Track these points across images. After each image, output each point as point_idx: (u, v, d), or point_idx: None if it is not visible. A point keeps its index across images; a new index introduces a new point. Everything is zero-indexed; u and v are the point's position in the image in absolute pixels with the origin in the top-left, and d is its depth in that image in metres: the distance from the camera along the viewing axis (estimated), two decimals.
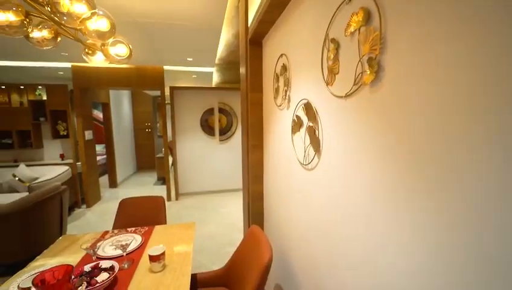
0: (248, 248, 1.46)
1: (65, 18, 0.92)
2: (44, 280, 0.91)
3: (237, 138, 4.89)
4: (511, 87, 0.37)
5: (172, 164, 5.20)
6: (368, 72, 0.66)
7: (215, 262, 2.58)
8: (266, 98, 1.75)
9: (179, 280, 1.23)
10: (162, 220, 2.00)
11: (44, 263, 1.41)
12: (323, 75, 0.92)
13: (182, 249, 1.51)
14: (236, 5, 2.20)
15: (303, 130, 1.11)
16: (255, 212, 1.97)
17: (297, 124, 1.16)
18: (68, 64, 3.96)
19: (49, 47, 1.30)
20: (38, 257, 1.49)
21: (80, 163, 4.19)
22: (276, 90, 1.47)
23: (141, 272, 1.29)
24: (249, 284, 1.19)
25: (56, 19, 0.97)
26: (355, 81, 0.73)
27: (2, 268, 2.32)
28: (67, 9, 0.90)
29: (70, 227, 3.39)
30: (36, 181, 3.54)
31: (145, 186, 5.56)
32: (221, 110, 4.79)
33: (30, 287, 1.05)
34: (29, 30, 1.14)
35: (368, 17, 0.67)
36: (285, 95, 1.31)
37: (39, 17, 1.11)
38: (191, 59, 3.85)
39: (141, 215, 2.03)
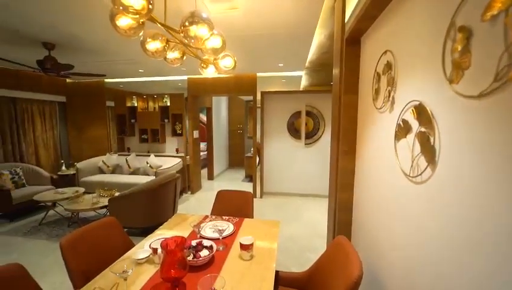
0: (334, 258, 1.39)
1: (192, 41, 1.16)
2: (167, 244, 1.17)
3: (324, 141, 4.72)
4: None
5: (258, 164, 5.55)
6: None
7: (295, 264, 2.59)
8: (362, 101, 1.62)
9: (264, 272, 1.31)
10: (250, 214, 2.18)
11: (163, 232, 1.80)
12: (444, 71, 0.77)
13: (266, 244, 1.59)
14: (332, 5, 2.14)
15: (411, 136, 0.96)
16: (341, 221, 1.85)
17: (403, 130, 1.01)
18: (185, 77, 4.93)
19: (178, 64, 1.67)
20: (160, 227, 1.91)
21: (188, 157, 5.13)
22: (376, 92, 1.33)
23: (232, 256, 1.45)
24: None
25: (186, 41, 1.23)
26: (496, 76, 0.57)
27: (137, 231, 3.12)
28: (194, 34, 1.14)
29: (179, 208, 4.18)
30: (160, 168, 4.58)
31: (235, 182, 6.18)
32: (308, 113, 4.76)
33: (157, 248, 1.37)
34: (167, 53, 1.50)
35: None
36: (388, 97, 1.17)
37: (174, 42, 1.44)
38: (281, 64, 4.02)
39: (233, 206, 2.27)
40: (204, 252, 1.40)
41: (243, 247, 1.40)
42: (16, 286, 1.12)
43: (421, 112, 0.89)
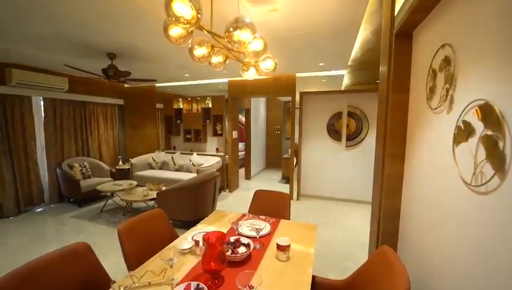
0: (377, 270, 1.30)
1: (236, 45, 1.21)
2: (209, 237, 1.24)
3: (367, 144, 4.44)
4: None
5: (296, 165, 5.47)
6: None
7: (332, 271, 2.49)
8: (414, 100, 1.48)
9: (300, 275, 1.29)
10: (287, 215, 2.17)
11: (204, 227, 1.91)
12: None
13: (303, 248, 1.57)
14: None
15: (474, 140, 0.85)
16: (386, 230, 1.72)
17: (463, 132, 0.90)
18: (225, 80, 5.13)
19: (221, 68, 1.75)
20: (201, 221, 2.03)
21: (227, 156, 5.32)
22: (431, 90, 1.21)
23: (269, 256, 1.46)
24: None
25: (229, 46, 1.30)
26: None
27: (179, 223, 3.35)
28: (237, 38, 1.19)
29: (218, 205, 4.36)
30: (201, 166, 4.84)
31: (271, 183, 6.20)
32: (350, 114, 4.52)
33: (199, 240, 1.46)
34: (211, 58, 1.59)
35: None
36: (446, 96, 1.05)
37: (218, 47, 1.52)
38: (322, 64, 3.90)
39: (270, 206, 2.29)
40: (241, 249, 1.44)
41: (280, 248, 1.41)
42: (83, 260, 1.36)
43: (487, 112, 0.78)
